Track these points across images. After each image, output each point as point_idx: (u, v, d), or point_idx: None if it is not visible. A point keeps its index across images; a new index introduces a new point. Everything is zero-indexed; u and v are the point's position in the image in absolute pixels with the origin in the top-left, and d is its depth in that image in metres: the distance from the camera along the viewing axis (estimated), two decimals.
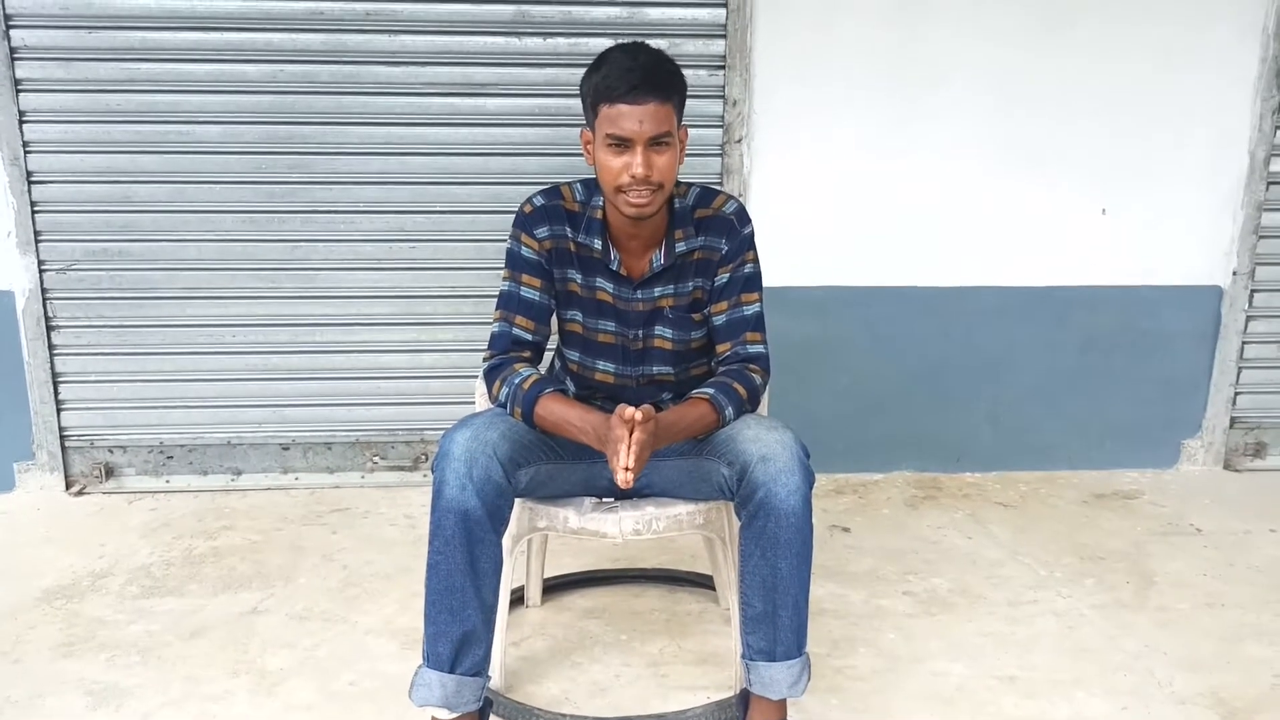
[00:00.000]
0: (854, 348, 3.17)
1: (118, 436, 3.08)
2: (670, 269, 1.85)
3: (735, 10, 2.90)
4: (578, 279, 1.86)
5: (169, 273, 2.98)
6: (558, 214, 1.84)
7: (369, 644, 2.21)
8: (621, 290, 1.86)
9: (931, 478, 3.24)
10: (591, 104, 1.72)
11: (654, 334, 1.89)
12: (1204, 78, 3.07)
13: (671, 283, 1.86)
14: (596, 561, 2.58)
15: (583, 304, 1.88)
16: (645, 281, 1.85)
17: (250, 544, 2.72)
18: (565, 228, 1.84)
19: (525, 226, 1.84)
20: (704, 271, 1.87)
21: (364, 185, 2.97)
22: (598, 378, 1.94)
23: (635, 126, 1.66)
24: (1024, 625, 2.32)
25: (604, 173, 1.73)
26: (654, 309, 1.87)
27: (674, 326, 1.89)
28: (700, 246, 1.85)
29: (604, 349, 1.91)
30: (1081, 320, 3.21)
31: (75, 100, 2.85)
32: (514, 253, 1.86)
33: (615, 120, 1.67)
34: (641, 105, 1.66)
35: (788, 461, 1.66)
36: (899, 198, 3.09)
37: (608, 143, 1.69)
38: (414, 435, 3.15)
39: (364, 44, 2.88)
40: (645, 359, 1.91)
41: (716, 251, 1.85)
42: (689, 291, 1.87)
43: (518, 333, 1.85)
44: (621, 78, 1.66)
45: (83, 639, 2.22)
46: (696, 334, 1.91)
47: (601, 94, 1.68)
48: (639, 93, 1.66)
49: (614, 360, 1.91)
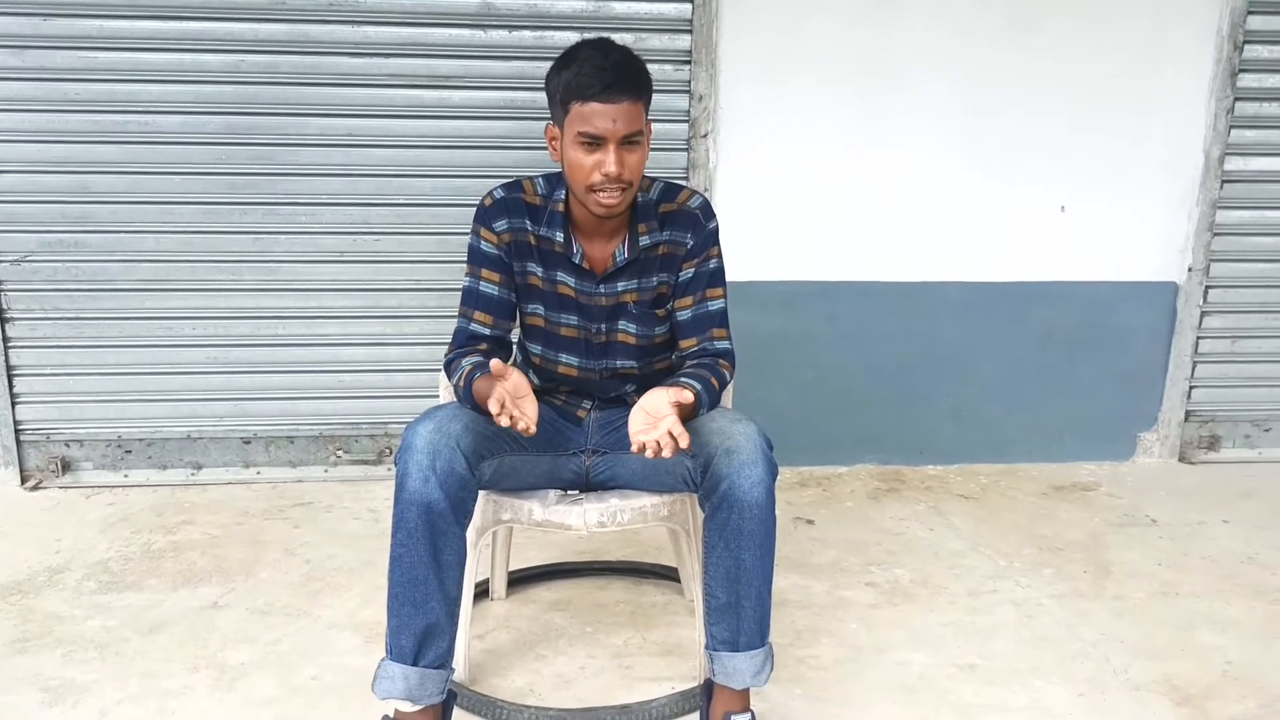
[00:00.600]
0: (818, 342, 3.19)
1: (74, 430, 3.03)
2: (634, 263, 1.85)
3: (701, 5, 2.90)
4: (538, 272, 1.86)
5: (127, 264, 2.93)
6: (517, 207, 1.84)
7: (331, 638, 2.20)
8: (584, 284, 1.85)
9: (894, 470, 3.28)
10: (561, 101, 1.70)
11: (617, 329, 1.89)
12: (1162, 78, 3.12)
13: (635, 277, 1.86)
14: (561, 554, 2.58)
15: (544, 297, 1.88)
16: (608, 276, 1.85)
17: (210, 538, 2.69)
18: (525, 220, 1.83)
19: (484, 220, 1.84)
20: (669, 266, 1.87)
21: (327, 177, 2.94)
22: (560, 370, 1.94)
23: (609, 125, 1.66)
24: (984, 615, 2.35)
25: (575, 170, 1.71)
26: (617, 303, 1.87)
27: (637, 322, 1.89)
28: (665, 241, 1.85)
29: (567, 342, 1.91)
30: (1041, 315, 3.25)
31: (31, 89, 2.80)
32: (474, 247, 1.86)
33: (588, 119, 1.66)
34: (615, 104, 1.66)
35: (751, 454, 1.67)
36: (863, 193, 3.11)
37: (580, 140, 1.68)
38: (378, 429, 3.13)
39: (327, 34, 2.85)
40: (608, 352, 1.91)
41: (682, 246, 1.86)
42: (653, 286, 1.87)
43: (475, 327, 1.85)
44: (595, 76, 1.65)
45: (38, 635, 2.18)
46: (660, 329, 1.91)
47: (574, 92, 1.67)
48: (612, 91, 1.65)
49: (577, 354, 1.91)
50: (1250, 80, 3.15)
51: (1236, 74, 3.12)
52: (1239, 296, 3.33)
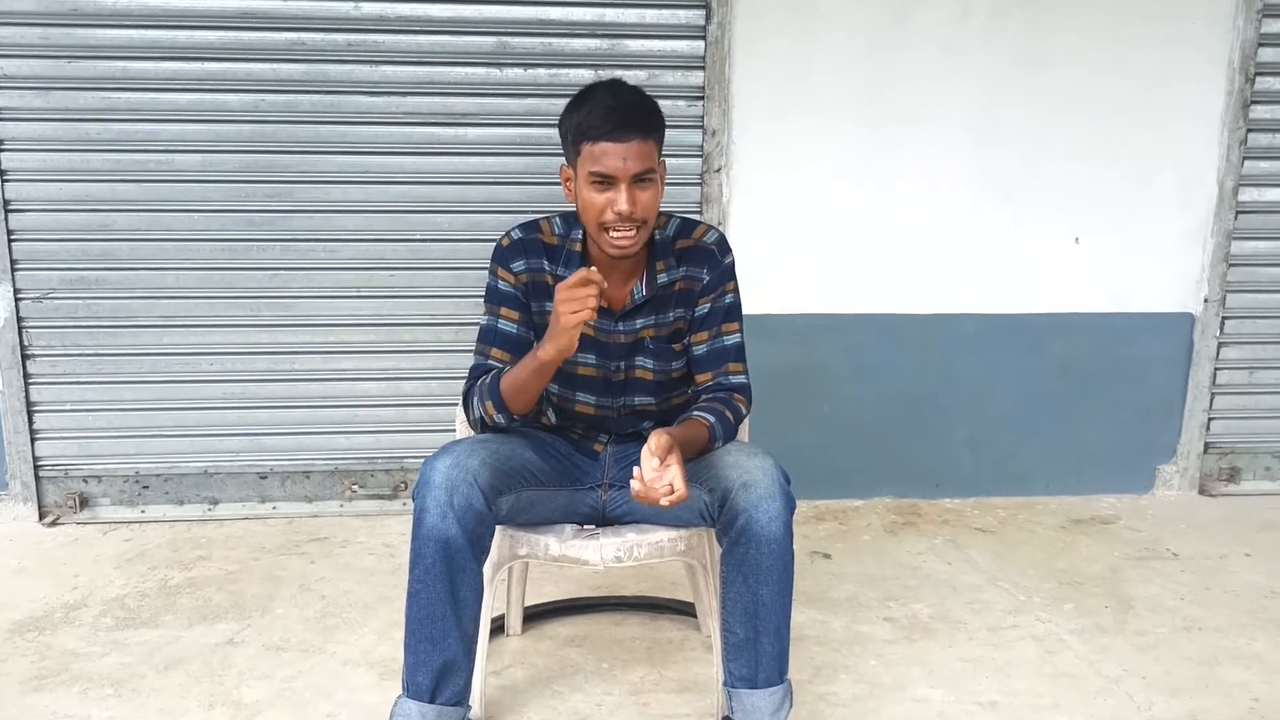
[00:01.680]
0: (833, 375, 3.19)
1: (93, 466, 3.05)
2: (651, 300, 1.86)
3: (714, 43, 2.94)
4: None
5: (147, 301, 2.97)
6: (535, 247, 1.85)
7: (347, 674, 2.19)
8: (603, 322, 1.86)
9: (911, 504, 3.26)
10: (573, 141, 1.72)
11: (635, 365, 1.90)
12: (1174, 110, 3.13)
13: (653, 314, 1.87)
14: (577, 589, 2.57)
15: None
16: (627, 314, 1.86)
17: (226, 574, 2.69)
18: (543, 261, 1.85)
19: (501, 260, 1.86)
20: (685, 301, 1.88)
21: (344, 214, 2.97)
22: (577, 409, 1.94)
23: (619, 164, 1.68)
24: (1004, 650, 2.33)
25: (588, 210, 1.73)
26: (636, 340, 1.88)
27: (655, 357, 1.89)
28: (682, 277, 1.86)
29: (584, 381, 1.91)
30: (1057, 347, 3.24)
31: (54, 129, 2.85)
32: (491, 287, 1.88)
33: (599, 158, 1.68)
34: (625, 143, 1.67)
35: (769, 487, 1.66)
36: (877, 226, 3.12)
37: (591, 180, 1.70)
38: (393, 464, 3.14)
39: (345, 74, 2.89)
40: (627, 390, 1.92)
41: (698, 281, 1.87)
42: (670, 322, 1.88)
43: (493, 364, 1.86)
44: (605, 116, 1.67)
45: (55, 672, 2.18)
46: (677, 364, 1.91)
47: (584, 132, 1.69)
48: (622, 131, 1.67)
49: (594, 392, 1.92)
50: (1263, 111, 3.16)
51: (1249, 105, 3.13)
52: (1256, 327, 3.32)
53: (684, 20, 2.95)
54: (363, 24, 2.86)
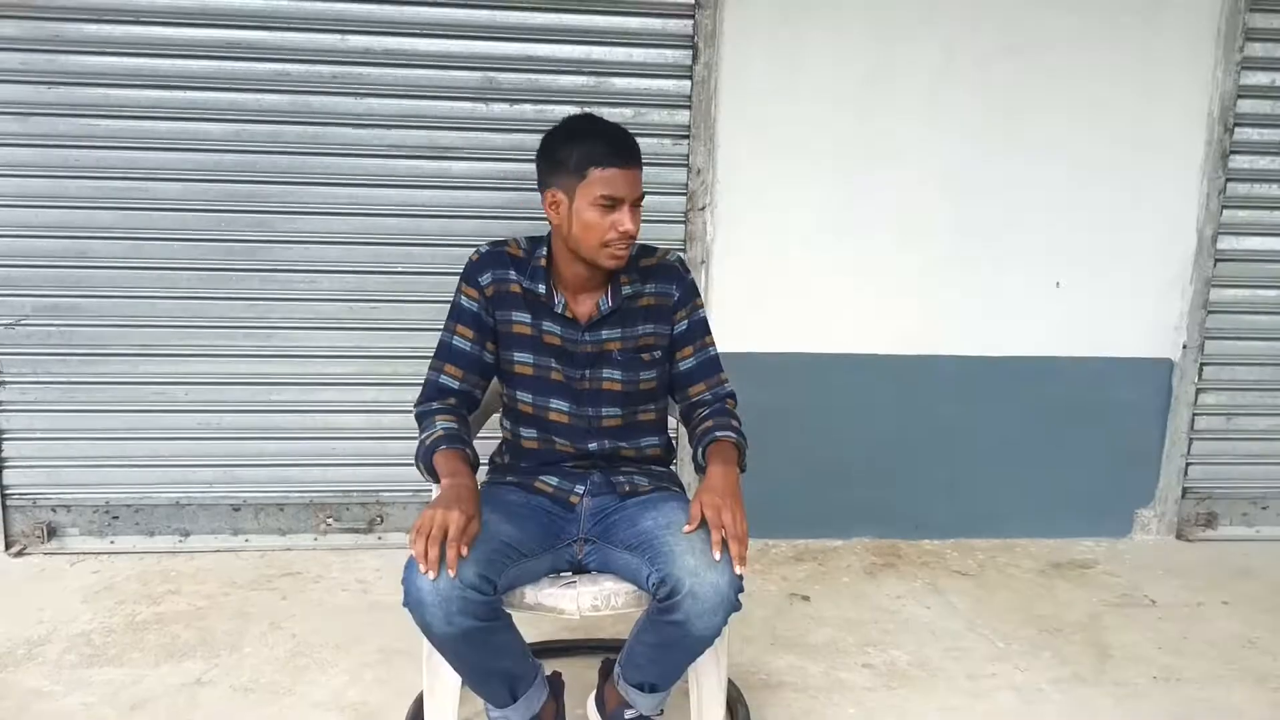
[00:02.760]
0: (814, 414, 3.18)
1: (61, 495, 3.00)
2: (617, 312, 1.92)
3: (700, 82, 2.94)
4: (526, 319, 1.92)
5: (122, 329, 2.93)
6: (502, 259, 1.94)
7: (316, 719, 2.15)
8: (569, 332, 1.92)
9: (890, 544, 3.24)
10: (575, 167, 1.80)
11: (602, 376, 1.93)
12: (1154, 160, 3.16)
13: (619, 326, 1.93)
14: (555, 630, 2.54)
15: (533, 344, 1.93)
16: (593, 325, 1.92)
17: (195, 610, 2.64)
18: (510, 271, 1.93)
19: (468, 277, 1.94)
20: (655, 317, 1.95)
21: (326, 245, 2.95)
22: (551, 417, 1.95)
23: (627, 188, 1.80)
24: (984, 700, 2.31)
25: (590, 230, 1.81)
26: (601, 351, 1.93)
27: (623, 369, 1.94)
28: (651, 293, 1.95)
29: (556, 387, 1.94)
30: (1037, 390, 3.25)
31: (31, 155, 2.82)
32: (455, 303, 1.95)
33: (610, 182, 1.79)
34: (630, 170, 1.81)
35: (715, 604, 1.66)
36: (858, 267, 3.13)
37: (600, 203, 1.79)
38: (369, 497, 3.10)
39: (330, 105, 2.88)
40: (596, 400, 1.94)
41: (669, 297, 1.96)
42: (638, 336, 1.95)
43: (445, 380, 1.92)
44: (615, 145, 1.80)
45: (15, 712, 2.13)
46: (645, 373, 1.96)
47: (594, 159, 1.79)
48: (627, 159, 1.81)
49: (565, 399, 1.94)
50: (1242, 161, 3.20)
51: (1228, 155, 3.17)
52: (1234, 374, 3.34)
53: (671, 60, 2.96)
54: (349, 56, 2.86)
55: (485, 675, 1.80)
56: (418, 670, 1.97)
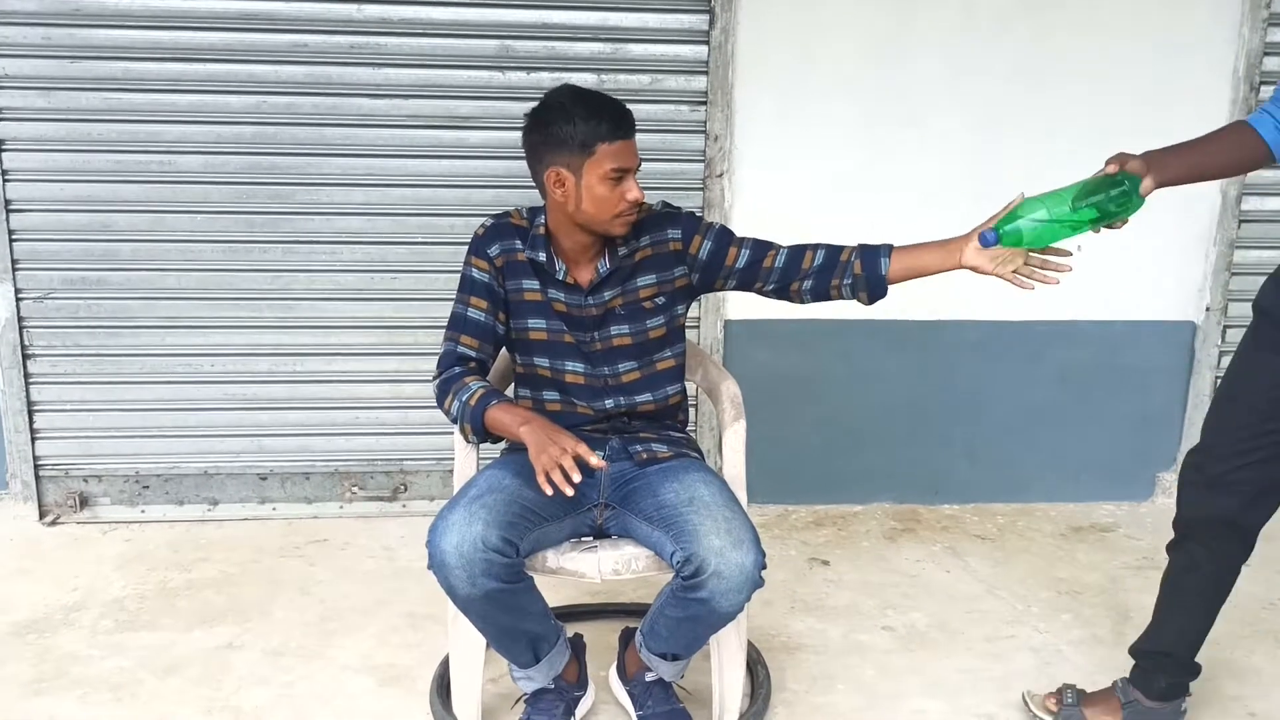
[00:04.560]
0: (833, 380, 3.18)
1: (93, 466, 3.05)
2: (616, 272, 1.95)
3: (717, 47, 2.93)
4: (535, 286, 1.95)
5: (148, 302, 2.97)
6: (507, 230, 1.97)
7: (345, 681, 2.20)
8: (572, 298, 1.95)
9: (910, 509, 3.26)
10: (583, 144, 1.81)
11: (611, 335, 1.97)
12: (1177, 118, 3.09)
13: (619, 284, 1.96)
14: (576, 595, 2.57)
15: (543, 309, 1.96)
16: (594, 288, 1.95)
17: (226, 576, 2.70)
18: (515, 240, 1.96)
19: (476, 249, 1.97)
20: (656, 266, 1.98)
21: (346, 216, 2.97)
22: (568, 379, 1.98)
23: (632, 160, 1.85)
24: (1003, 662, 2.33)
25: (603, 204, 1.83)
26: (606, 311, 1.96)
27: (629, 321, 1.97)
28: (646, 244, 1.97)
29: (570, 349, 1.97)
30: (1058, 354, 3.24)
31: (55, 129, 2.85)
32: (465, 275, 1.97)
33: (618, 155, 1.82)
34: (632, 139, 1.85)
35: (740, 583, 1.72)
36: (877, 232, 3.10)
37: (610, 176, 1.82)
38: (393, 465, 3.14)
39: (348, 76, 2.89)
40: (609, 358, 1.97)
41: (669, 242, 1.98)
42: (636, 289, 1.97)
43: (463, 350, 1.94)
44: (616, 119, 1.82)
45: (54, 675, 2.19)
46: (653, 321, 1.99)
47: (601, 135, 1.81)
48: (628, 130, 1.84)
49: (581, 360, 1.97)
50: None
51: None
52: None
53: (687, 25, 2.94)
54: (365, 26, 2.86)
55: (508, 636, 1.84)
56: (444, 633, 2.03)
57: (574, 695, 2.02)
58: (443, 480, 3.13)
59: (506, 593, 1.73)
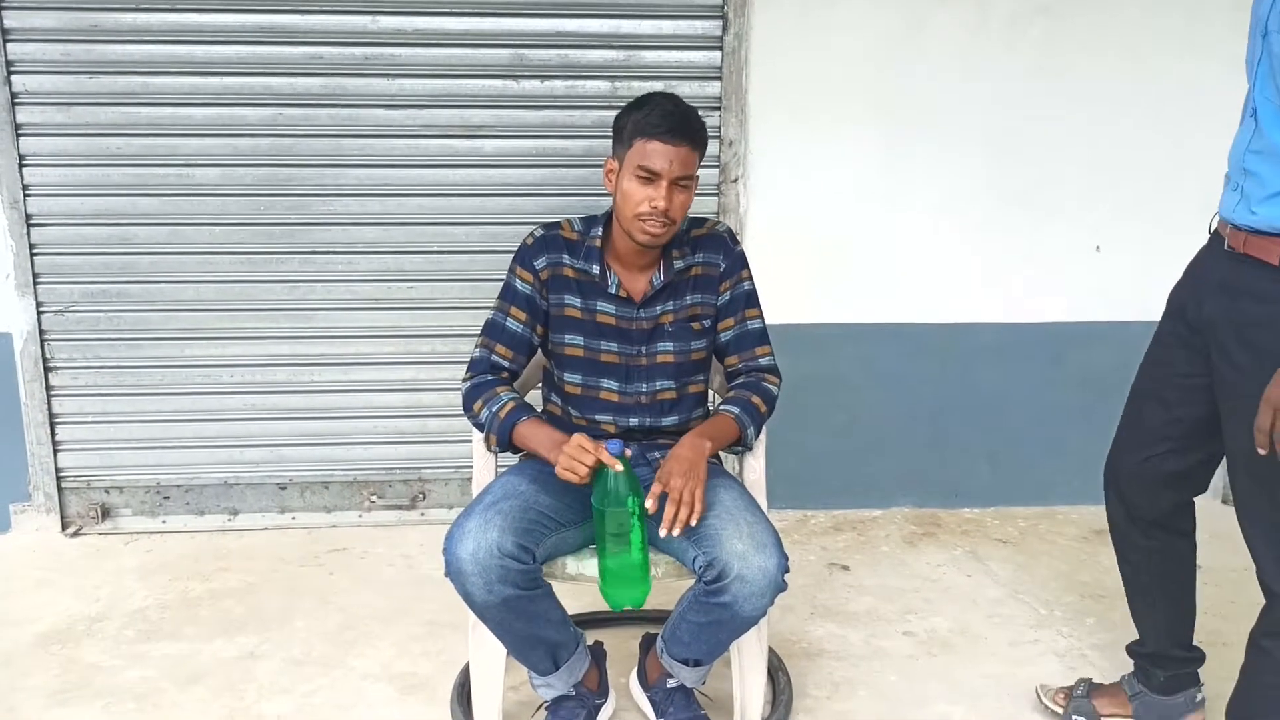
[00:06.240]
0: (852, 384, 3.17)
1: (114, 477, 3.07)
2: (669, 285, 1.94)
3: (730, 53, 2.93)
4: (576, 303, 1.94)
5: (167, 314, 2.99)
6: (556, 243, 1.94)
7: (365, 689, 2.20)
8: (623, 311, 1.94)
9: (930, 513, 3.24)
10: (629, 136, 1.82)
11: (657, 350, 1.96)
12: (1196, 117, 3.10)
13: (671, 299, 1.95)
14: (596, 602, 2.56)
15: (582, 327, 1.95)
16: (647, 301, 1.94)
17: (247, 585, 2.71)
18: (563, 255, 1.93)
19: (523, 259, 1.94)
20: (703, 287, 1.97)
21: (362, 226, 2.98)
22: (602, 396, 1.97)
23: (665, 164, 1.79)
24: (1026, 666, 2.31)
25: (626, 200, 1.83)
26: (656, 325, 1.95)
27: (675, 339, 1.96)
28: (699, 263, 1.96)
29: (607, 368, 1.96)
30: (1078, 356, 3.22)
31: (75, 144, 2.88)
32: (508, 284, 1.96)
33: (649, 155, 1.79)
34: (675, 146, 1.79)
35: (763, 586, 1.72)
36: (894, 235, 3.11)
37: (637, 173, 1.80)
38: (411, 474, 3.15)
39: (363, 87, 2.90)
40: (649, 375, 1.97)
41: (715, 267, 1.97)
42: (687, 306, 1.96)
43: (496, 359, 1.94)
44: (664, 118, 1.79)
45: (78, 685, 2.20)
46: (696, 343, 1.98)
47: (642, 129, 1.80)
48: (675, 135, 1.79)
49: (617, 379, 1.96)
50: None
51: None
52: None
53: (701, 31, 2.94)
54: (380, 38, 2.88)
55: (527, 643, 1.84)
56: (464, 641, 2.02)
57: (595, 702, 2.01)
58: (461, 488, 3.14)
59: (524, 599, 1.72)
